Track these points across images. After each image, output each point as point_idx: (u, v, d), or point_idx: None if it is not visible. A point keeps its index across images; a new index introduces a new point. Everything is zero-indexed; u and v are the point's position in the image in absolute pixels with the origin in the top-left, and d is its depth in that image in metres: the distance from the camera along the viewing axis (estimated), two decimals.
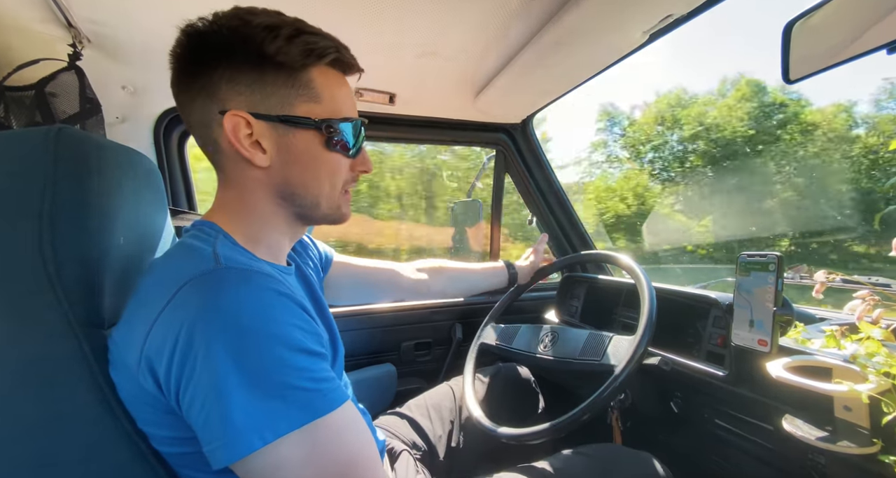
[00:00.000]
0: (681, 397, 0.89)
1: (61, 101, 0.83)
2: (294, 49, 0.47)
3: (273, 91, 0.48)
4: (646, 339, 0.72)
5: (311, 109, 0.50)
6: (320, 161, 0.52)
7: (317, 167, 0.52)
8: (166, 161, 1.08)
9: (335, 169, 0.53)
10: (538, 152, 1.36)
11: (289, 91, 0.48)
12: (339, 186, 0.54)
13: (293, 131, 0.49)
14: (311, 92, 0.49)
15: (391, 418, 0.95)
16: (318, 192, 0.53)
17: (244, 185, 0.52)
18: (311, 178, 0.52)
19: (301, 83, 0.49)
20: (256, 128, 0.48)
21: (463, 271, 1.04)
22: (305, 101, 0.49)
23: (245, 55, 0.46)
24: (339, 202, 0.55)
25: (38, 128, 0.51)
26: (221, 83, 0.47)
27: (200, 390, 0.37)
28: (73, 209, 0.47)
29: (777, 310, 0.66)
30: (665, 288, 0.96)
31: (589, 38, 0.80)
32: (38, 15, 0.74)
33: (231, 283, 0.41)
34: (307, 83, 0.49)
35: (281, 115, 0.48)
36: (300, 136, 0.50)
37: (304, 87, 0.49)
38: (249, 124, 0.48)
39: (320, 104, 0.50)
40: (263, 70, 0.47)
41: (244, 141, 0.48)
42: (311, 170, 0.52)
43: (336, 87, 0.52)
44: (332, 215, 0.56)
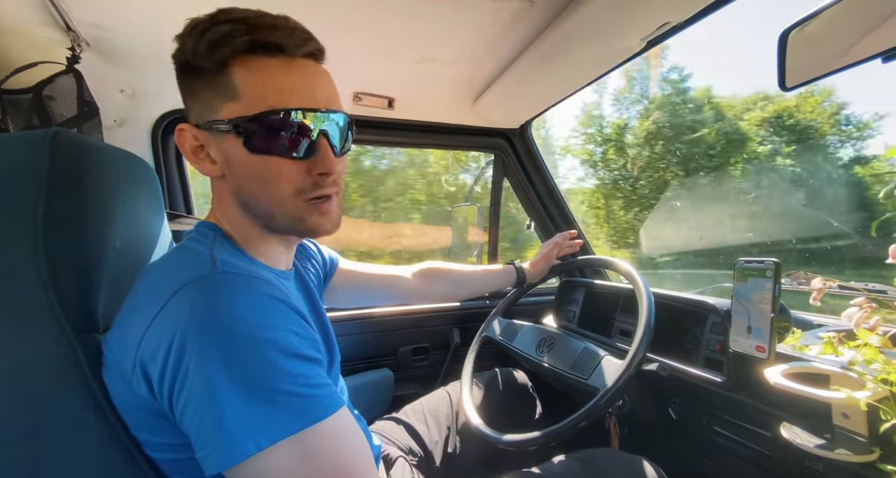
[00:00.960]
0: (679, 403, 0.88)
1: (59, 104, 0.83)
2: (202, 46, 0.43)
3: (204, 97, 0.46)
4: (636, 360, 0.71)
5: (231, 110, 0.44)
6: (250, 167, 0.46)
7: (253, 174, 0.46)
8: (164, 165, 1.08)
9: (273, 175, 0.46)
10: (537, 157, 1.37)
11: (211, 93, 0.45)
12: (286, 194, 0.47)
13: (221, 137, 0.46)
14: (229, 90, 0.44)
15: (388, 423, 0.95)
16: (267, 201, 0.47)
17: (218, 193, 0.52)
18: (254, 185, 0.47)
19: (221, 82, 0.44)
20: (201, 138, 0.47)
21: (467, 274, 1.04)
22: (225, 101, 0.44)
23: (181, 65, 0.46)
24: (296, 214, 0.48)
25: (35, 131, 0.51)
26: (185, 96, 0.48)
27: (194, 395, 0.37)
28: (69, 213, 0.47)
29: (775, 316, 0.66)
30: (663, 294, 0.96)
31: (587, 44, 0.80)
32: (38, 18, 0.74)
33: (227, 287, 0.41)
34: (226, 81, 0.44)
35: (207, 122, 0.46)
36: (227, 141, 0.45)
37: (224, 85, 0.44)
38: (196, 136, 0.48)
39: (237, 102, 0.44)
40: (192, 77, 0.46)
41: (192, 154, 0.48)
42: (251, 176, 0.46)
43: (261, 77, 0.44)
44: (296, 228, 0.50)
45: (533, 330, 1.03)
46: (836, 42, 0.59)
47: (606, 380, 0.74)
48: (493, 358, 1.30)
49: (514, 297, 1.13)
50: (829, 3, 0.58)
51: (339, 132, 0.49)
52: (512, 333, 1.07)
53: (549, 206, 1.41)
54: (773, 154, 12.12)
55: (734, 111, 12.78)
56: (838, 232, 4.90)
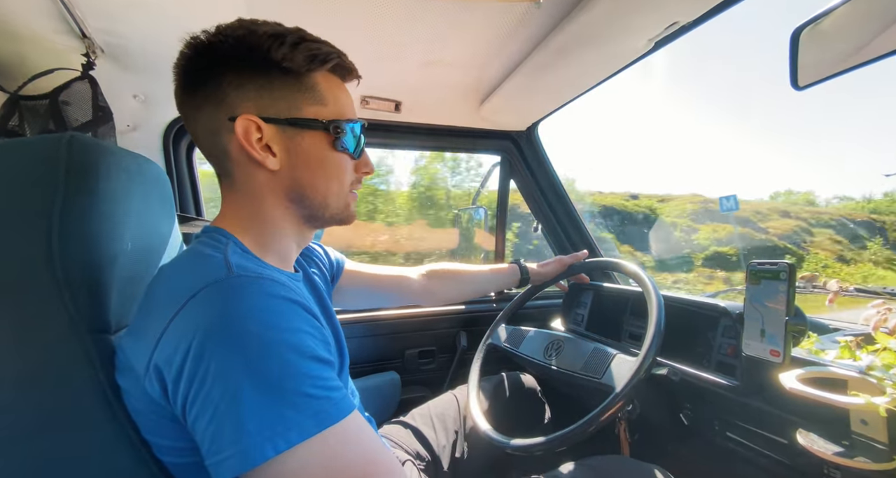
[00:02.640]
0: (690, 408, 0.87)
1: (74, 109, 0.85)
2: (299, 55, 0.49)
3: (280, 95, 0.50)
4: (648, 360, 0.70)
5: (318, 112, 0.52)
6: (328, 161, 0.53)
7: (325, 167, 0.53)
8: (175, 168, 1.10)
9: (342, 169, 0.55)
10: (544, 159, 1.36)
11: (295, 95, 0.50)
12: (346, 185, 0.56)
13: (302, 133, 0.51)
14: (316, 95, 0.51)
15: (395, 427, 0.94)
16: (327, 191, 0.54)
17: (253, 190, 0.52)
18: (320, 178, 0.53)
19: (307, 87, 0.51)
20: (266, 132, 0.49)
21: (472, 274, 1.03)
22: (311, 103, 0.51)
23: (252, 62, 0.48)
24: (347, 202, 0.57)
25: (50, 135, 0.52)
26: (229, 90, 0.48)
27: (212, 399, 0.37)
28: (83, 214, 0.47)
29: (790, 319, 0.64)
30: (673, 296, 0.95)
31: (594, 45, 0.80)
32: (54, 26, 0.76)
33: (243, 291, 0.41)
34: (312, 87, 0.51)
35: (290, 118, 0.50)
36: (308, 137, 0.51)
37: (310, 90, 0.51)
38: (259, 129, 0.49)
39: (326, 106, 0.52)
40: (270, 76, 0.49)
41: (256, 145, 0.49)
42: (320, 170, 0.53)
43: (338, 91, 0.54)
44: (341, 215, 0.57)
45: (540, 334, 1.02)
46: (850, 40, 0.58)
47: (620, 378, 0.73)
48: (500, 362, 1.28)
49: (521, 300, 1.11)
50: (842, 1, 0.57)
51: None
52: (518, 339, 1.05)
53: (556, 208, 1.40)
54: None
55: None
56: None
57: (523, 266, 1.07)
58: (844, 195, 18.41)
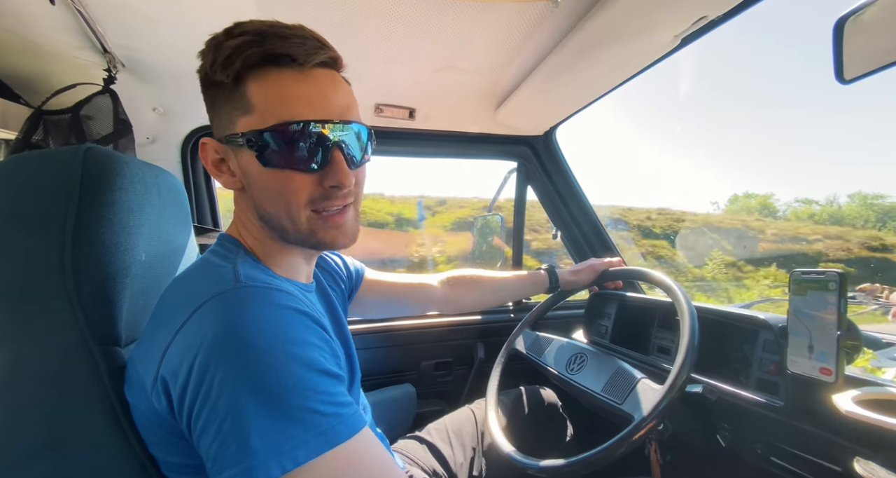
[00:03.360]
0: (728, 428, 0.80)
1: (96, 123, 0.87)
2: (219, 60, 0.43)
3: (223, 112, 0.46)
4: (677, 386, 0.64)
5: (246, 123, 0.44)
6: (263, 180, 0.46)
7: (263, 188, 0.47)
8: (192, 179, 1.11)
9: (283, 188, 0.45)
10: (562, 164, 1.32)
11: (228, 108, 0.45)
12: (297, 207, 0.46)
13: (238, 151, 0.47)
14: (244, 103, 0.44)
15: (410, 442, 0.91)
16: (278, 213, 0.47)
17: (239, 206, 0.53)
18: (265, 198, 0.47)
19: (237, 96, 0.44)
20: (221, 152, 0.48)
21: (496, 281, 1.00)
22: (241, 115, 0.44)
23: (202, 80, 0.47)
24: (311, 227, 0.48)
25: (67, 147, 0.52)
26: (208, 110, 0.49)
27: (216, 415, 0.35)
28: (96, 226, 0.47)
29: (842, 334, 0.58)
30: (705, 307, 0.88)
31: (616, 44, 0.76)
32: (76, 42, 0.78)
33: (250, 302, 0.40)
34: (242, 94, 0.44)
35: (225, 136, 0.47)
36: (242, 154, 0.46)
37: (240, 99, 0.44)
38: (217, 149, 0.49)
39: (250, 115, 0.44)
40: (210, 91, 0.47)
41: (214, 167, 0.49)
42: (263, 190, 0.47)
43: (273, 89, 0.43)
44: (309, 242, 0.49)
45: (562, 345, 0.97)
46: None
47: (643, 407, 0.67)
48: (519, 375, 1.24)
49: (546, 306, 1.06)
50: None
51: (355, 143, 0.48)
52: (540, 348, 1.01)
53: (576, 214, 1.35)
54: None
55: None
56: None
57: (554, 273, 1.02)
58: (806, 198, 17.73)
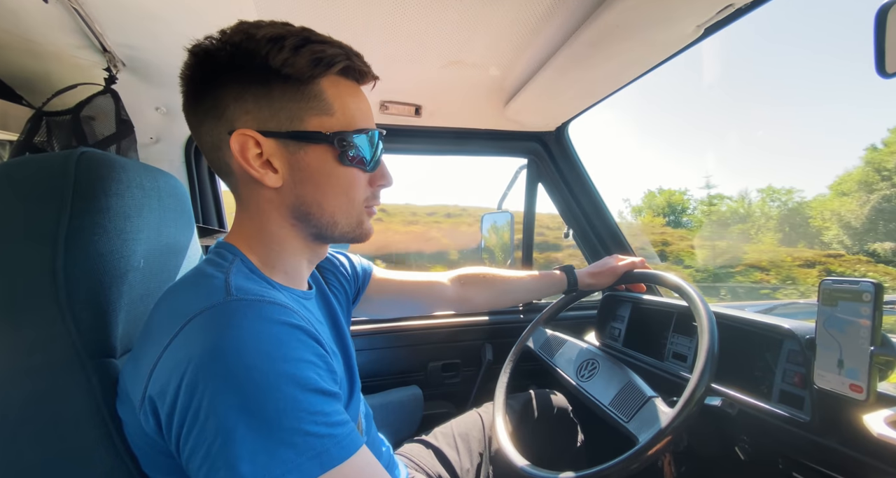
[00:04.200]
0: (748, 441, 0.76)
1: (99, 123, 0.86)
2: (300, 60, 0.44)
3: (281, 106, 0.45)
4: (692, 404, 0.60)
5: (323, 123, 0.47)
6: (335, 177, 0.49)
7: (332, 184, 0.49)
8: (197, 180, 1.10)
9: (351, 185, 0.50)
10: (575, 161, 1.28)
11: (298, 105, 0.46)
12: (357, 202, 0.51)
13: (304, 147, 0.47)
14: (321, 104, 0.47)
15: (416, 446, 0.90)
16: (335, 209, 0.50)
17: (258, 207, 0.50)
18: (327, 195, 0.49)
19: (310, 96, 0.46)
20: (266, 146, 0.46)
21: (511, 281, 0.96)
22: (316, 114, 0.47)
23: (250, 71, 0.44)
24: (359, 219, 0.52)
25: (61, 152, 0.51)
26: (229, 102, 0.45)
27: (204, 438, 0.34)
28: (90, 233, 0.46)
29: (875, 350, 0.54)
30: (723, 313, 0.84)
31: (633, 35, 0.71)
32: (75, 42, 0.77)
33: (240, 316, 0.38)
34: (317, 95, 0.46)
35: (290, 131, 0.46)
36: (312, 151, 0.47)
37: (314, 99, 0.46)
38: (259, 143, 0.45)
39: (332, 117, 0.47)
40: (270, 85, 0.45)
41: (254, 161, 0.46)
42: (326, 187, 0.49)
43: (348, 97, 0.49)
44: (352, 234, 0.53)
45: (574, 349, 0.94)
46: None
47: (649, 429, 0.64)
48: (528, 377, 1.22)
49: (562, 304, 1.03)
50: None
51: None
52: (552, 349, 0.98)
53: (589, 212, 1.31)
54: None
55: None
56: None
57: (573, 274, 0.97)
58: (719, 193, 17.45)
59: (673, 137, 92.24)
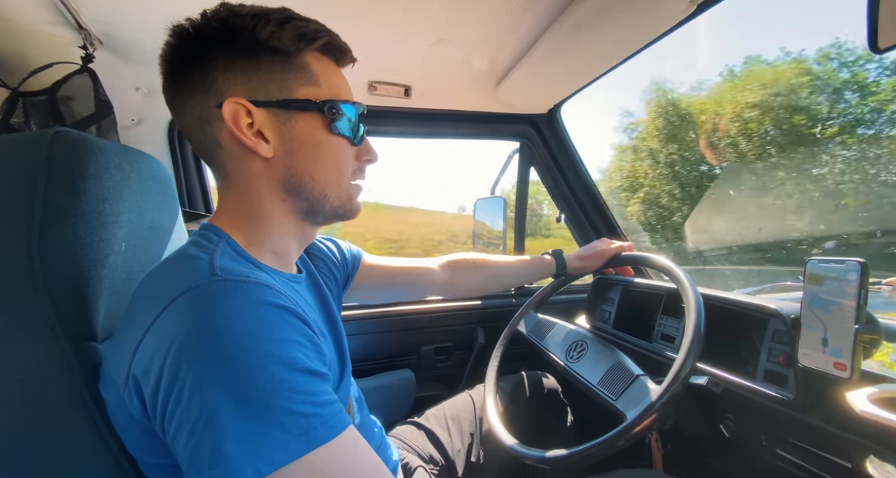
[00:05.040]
0: (733, 419, 0.78)
1: (77, 104, 0.83)
2: (286, 33, 0.45)
3: (270, 76, 0.46)
4: (676, 384, 0.61)
5: (311, 92, 0.48)
6: (325, 146, 0.49)
7: (322, 154, 0.49)
8: (182, 162, 1.08)
9: (341, 155, 0.51)
10: (567, 144, 1.26)
11: (286, 75, 0.47)
12: (347, 174, 0.52)
13: (295, 116, 0.47)
14: (308, 75, 0.48)
15: (408, 428, 0.91)
16: (325, 181, 0.50)
17: (247, 182, 0.49)
18: (318, 165, 0.49)
19: (297, 67, 0.47)
20: (257, 116, 0.46)
21: (500, 265, 0.97)
22: (304, 84, 0.48)
23: (238, 44, 0.45)
24: (349, 193, 0.53)
25: (34, 132, 0.49)
26: (217, 75, 0.45)
27: (188, 417, 0.34)
28: (66, 215, 0.45)
29: (860, 328, 0.54)
30: (711, 294, 0.85)
31: (625, 11, 0.69)
32: (49, 17, 0.74)
33: (224, 296, 0.38)
34: (303, 67, 0.48)
35: (281, 100, 0.46)
36: (303, 120, 0.48)
37: (301, 70, 0.47)
38: (250, 113, 0.46)
39: (319, 87, 0.48)
40: (258, 56, 0.46)
41: (246, 130, 0.46)
42: (317, 156, 0.49)
43: (331, 73, 0.50)
44: (342, 208, 0.53)
45: (564, 331, 0.95)
46: None
47: (636, 406, 0.65)
48: (519, 360, 1.23)
49: (552, 288, 1.04)
50: None
51: None
52: (542, 332, 0.99)
53: (581, 196, 1.30)
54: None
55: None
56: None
57: (561, 258, 0.98)
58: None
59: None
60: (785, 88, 11.97)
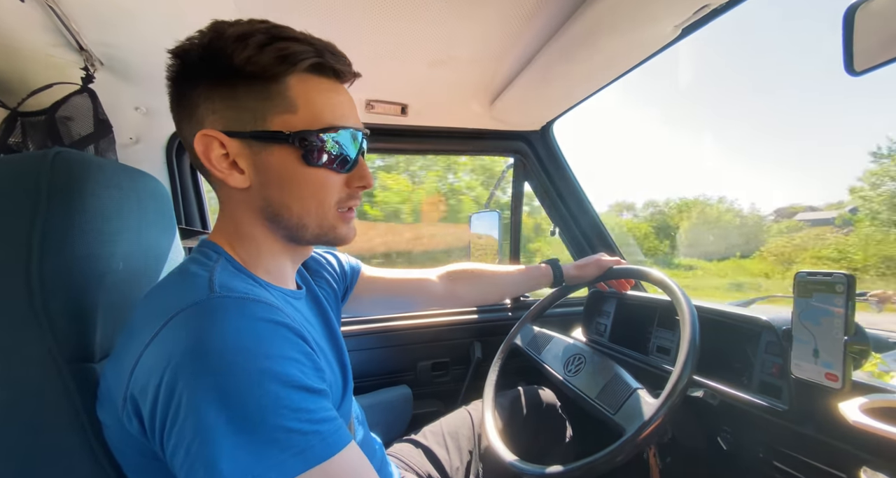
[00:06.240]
0: (730, 431, 0.78)
1: (75, 123, 0.84)
2: (265, 57, 0.43)
3: (245, 105, 0.44)
4: (673, 397, 0.61)
5: (286, 121, 0.45)
6: (300, 178, 0.47)
7: (298, 186, 0.47)
8: (179, 181, 1.08)
9: (320, 187, 0.48)
10: (560, 160, 1.29)
11: (262, 104, 0.44)
12: (329, 205, 0.49)
13: (267, 148, 0.45)
14: (285, 102, 0.45)
15: (405, 446, 0.90)
16: (302, 212, 0.48)
17: (232, 207, 0.50)
18: (293, 198, 0.47)
19: (275, 93, 0.44)
20: (231, 147, 0.45)
21: (498, 275, 0.97)
22: (279, 112, 0.45)
23: (217, 70, 0.44)
24: (332, 223, 0.50)
25: (35, 152, 0.49)
26: (199, 102, 0.45)
27: (185, 435, 0.34)
28: (65, 236, 0.45)
29: (849, 339, 0.56)
30: (705, 307, 0.86)
31: (614, 35, 0.73)
32: (51, 40, 0.75)
33: (222, 313, 0.38)
34: (282, 93, 0.45)
35: (252, 131, 0.45)
36: (276, 152, 0.45)
37: (279, 97, 0.45)
38: (224, 144, 0.45)
39: (295, 115, 0.45)
40: (235, 84, 0.44)
41: (217, 163, 0.46)
42: (292, 189, 0.47)
43: (317, 94, 0.46)
44: (325, 237, 0.51)
45: (562, 345, 0.95)
46: None
47: (635, 420, 0.65)
48: (516, 374, 1.22)
49: (550, 300, 1.04)
50: None
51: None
52: (539, 345, 0.99)
53: (574, 211, 1.32)
54: None
55: None
56: None
57: (558, 267, 0.99)
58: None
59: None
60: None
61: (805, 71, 79.79)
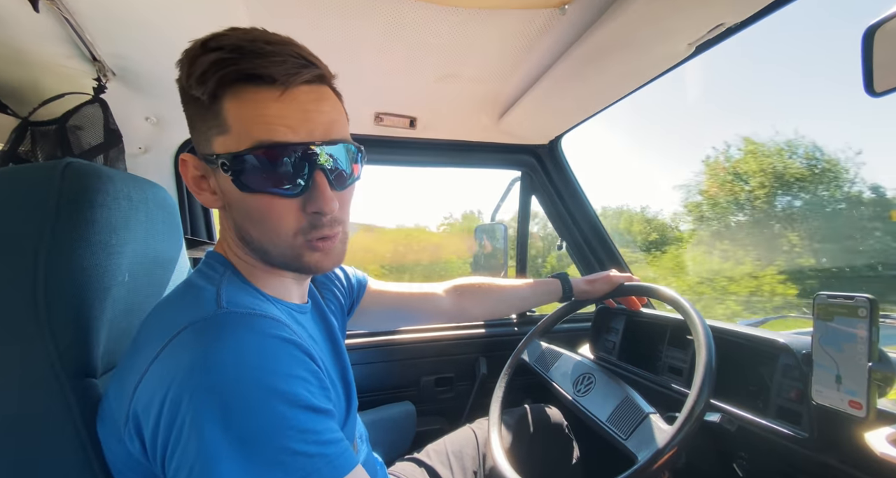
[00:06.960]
0: (746, 457, 0.76)
1: (86, 133, 0.84)
2: (194, 75, 0.39)
3: (198, 129, 0.43)
4: (688, 425, 0.59)
5: (222, 143, 0.41)
6: (246, 205, 0.42)
7: (245, 210, 0.43)
8: (186, 191, 1.08)
9: (266, 214, 0.42)
10: (568, 174, 1.28)
11: (206, 125, 0.42)
12: (285, 233, 0.43)
13: (216, 172, 0.43)
14: (220, 122, 0.40)
15: (408, 465, 0.87)
16: (261, 238, 0.44)
17: (223, 224, 0.50)
18: (247, 222, 0.44)
19: (212, 114, 0.41)
20: (201, 169, 0.46)
21: (506, 289, 0.95)
22: (217, 134, 0.41)
23: (181, 92, 0.44)
24: (296, 252, 0.44)
25: (46, 163, 0.49)
26: (188, 124, 0.46)
27: (187, 456, 0.32)
28: (74, 247, 0.44)
29: (873, 366, 0.54)
30: (718, 327, 0.84)
31: (626, 52, 0.73)
32: (65, 51, 0.75)
33: (229, 329, 0.37)
34: (218, 112, 0.40)
35: (202, 155, 0.44)
36: (220, 177, 0.43)
37: (216, 117, 0.40)
38: (197, 166, 0.46)
39: (227, 135, 0.40)
40: (188, 106, 0.44)
41: (193, 183, 0.46)
42: (242, 213, 0.44)
43: (249, 109, 0.39)
44: (292, 266, 0.46)
45: (570, 362, 0.93)
46: None
47: (648, 447, 0.62)
48: (523, 392, 1.20)
49: (558, 315, 1.01)
50: None
51: (342, 161, 0.44)
52: (547, 362, 0.97)
53: (582, 225, 1.31)
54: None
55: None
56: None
57: (567, 282, 0.96)
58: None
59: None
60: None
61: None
